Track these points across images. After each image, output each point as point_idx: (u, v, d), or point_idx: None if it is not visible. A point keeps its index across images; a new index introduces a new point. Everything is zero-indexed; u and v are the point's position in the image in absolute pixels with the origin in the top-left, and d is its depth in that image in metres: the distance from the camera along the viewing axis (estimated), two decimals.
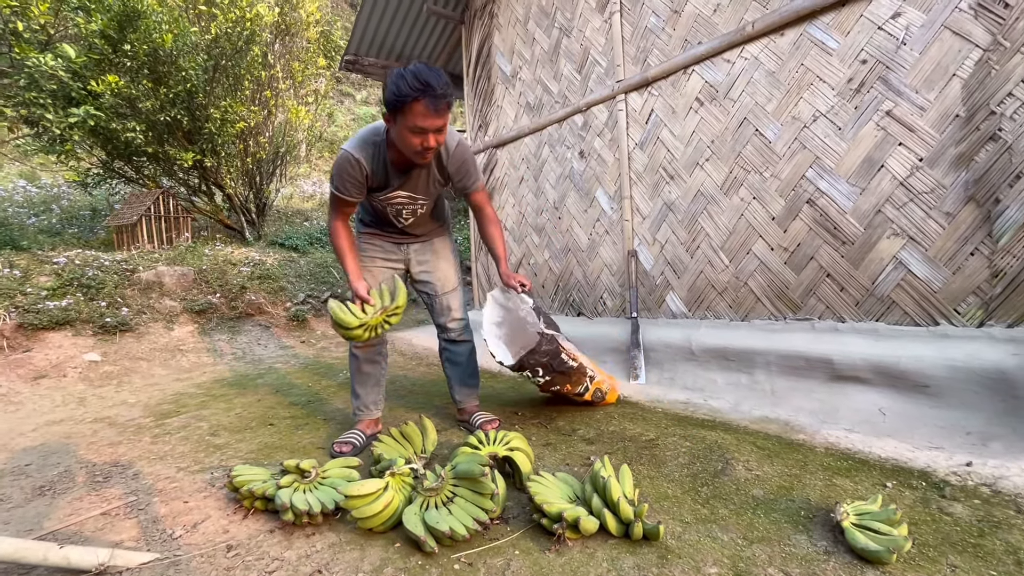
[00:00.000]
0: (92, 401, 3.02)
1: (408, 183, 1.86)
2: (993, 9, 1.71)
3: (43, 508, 1.62)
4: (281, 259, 5.84)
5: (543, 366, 2.00)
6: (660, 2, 2.77)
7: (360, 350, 2.05)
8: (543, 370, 2.01)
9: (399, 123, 1.62)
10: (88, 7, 4.89)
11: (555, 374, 2.05)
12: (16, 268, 4.08)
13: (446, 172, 1.88)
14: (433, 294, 2.13)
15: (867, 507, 1.23)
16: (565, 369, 2.06)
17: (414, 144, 1.63)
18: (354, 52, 4.78)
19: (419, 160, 1.71)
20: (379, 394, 2.14)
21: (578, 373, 2.13)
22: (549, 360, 2.00)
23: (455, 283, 2.15)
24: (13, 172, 8.22)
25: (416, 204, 1.94)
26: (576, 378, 2.14)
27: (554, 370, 2.03)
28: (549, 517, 1.28)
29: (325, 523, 1.43)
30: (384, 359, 2.13)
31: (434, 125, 1.60)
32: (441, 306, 2.14)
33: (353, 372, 2.10)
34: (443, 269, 2.13)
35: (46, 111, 4.84)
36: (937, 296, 1.88)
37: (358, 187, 1.80)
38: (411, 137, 1.62)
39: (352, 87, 14.74)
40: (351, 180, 1.78)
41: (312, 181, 10.82)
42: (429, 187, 1.90)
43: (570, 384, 2.14)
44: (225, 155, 6.30)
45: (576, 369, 2.11)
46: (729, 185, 2.51)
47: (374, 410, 2.12)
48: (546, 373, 2.02)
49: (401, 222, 1.99)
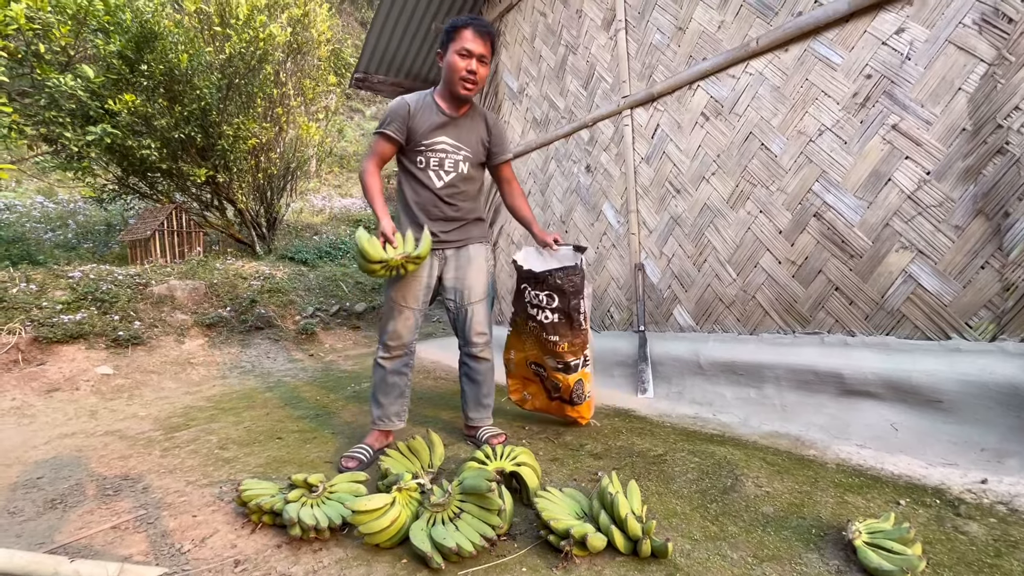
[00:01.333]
0: (103, 414, 3.05)
1: (452, 129, 1.98)
2: (997, 24, 1.72)
3: (54, 521, 1.64)
4: (291, 273, 5.90)
5: (560, 297, 1.88)
6: (665, 19, 2.81)
7: (387, 360, 2.04)
8: (557, 304, 1.89)
9: (449, 51, 1.89)
10: (107, 29, 5.05)
11: (563, 318, 1.93)
12: (33, 282, 4.16)
13: (489, 131, 2.07)
14: (460, 302, 2.09)
15: (880, 525, 1.21)
16: (575, 321, 1.94)
17: (460, 68, 1.87)
18: (364, 70, 4.88)
19: (464, 88, 1.90)
20: (403, 406, 2.12)
21: (580, 338, 2.01)
22: (570, 296, 1.90)
23: (482, 294, 2.12)
24: (31, 188, 8.42)
25: (459, 155, 2.00)
26: (576, 342, 2.01)
27: (566, 313, 1.92)
28: (556, 534, 1.27)
29: (332, 538, 1.43)
30: (411, 371, 2.12)
31: (478, 50, 1.87)
32: (466, 317, 2.09)
33: (377, 382, 2.07)
34: (473, 277, 2.09)
35: (65, 129, 4.97)
36: (948, 310, 1.86)
37: (400, 124, 1.93)
38: (458, 61, 1.86)
39: (362, 103, 14.99)
40: (395, 116, 1.93)
41: (322, 195, 10.97)
42: (471, 138, 2.02)
43: (567, 346, 1.99)
44: (237, 171, 6.42)
45: (581, 332, 1.99)
46: (735, 199, 2.52)
47: (397, 422, 2.10)
48: (557, 313, 1.91)
49: (442, 180, 1.98)
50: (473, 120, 2.04)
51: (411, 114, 1.93)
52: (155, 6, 5.44)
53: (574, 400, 2.12)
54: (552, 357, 2.08)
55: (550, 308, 1.94)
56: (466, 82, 1.89)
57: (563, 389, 2.13)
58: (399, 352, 2.04)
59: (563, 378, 2.08)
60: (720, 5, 2.53)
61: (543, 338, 2.03)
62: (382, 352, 2.05)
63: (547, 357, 2.11)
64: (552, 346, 2.03)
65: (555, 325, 1.97)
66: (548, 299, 1.93)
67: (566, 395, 2.12)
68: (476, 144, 2.04)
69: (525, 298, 2.11)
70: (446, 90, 1.97)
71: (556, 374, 2.09)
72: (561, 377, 2.08)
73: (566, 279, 1.96)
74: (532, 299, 2.00)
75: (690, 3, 2.66)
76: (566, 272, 1.94)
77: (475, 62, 1.87)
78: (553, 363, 2.09)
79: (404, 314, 2.00)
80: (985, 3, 1.74)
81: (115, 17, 5.02)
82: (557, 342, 2.01)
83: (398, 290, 1.99)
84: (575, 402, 2.13)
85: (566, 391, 2.12)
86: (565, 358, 2.05)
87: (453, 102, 1.98)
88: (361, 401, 3.07)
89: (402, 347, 2.04)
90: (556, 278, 1.93)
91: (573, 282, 1.95)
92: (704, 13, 2.60)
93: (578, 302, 1.95)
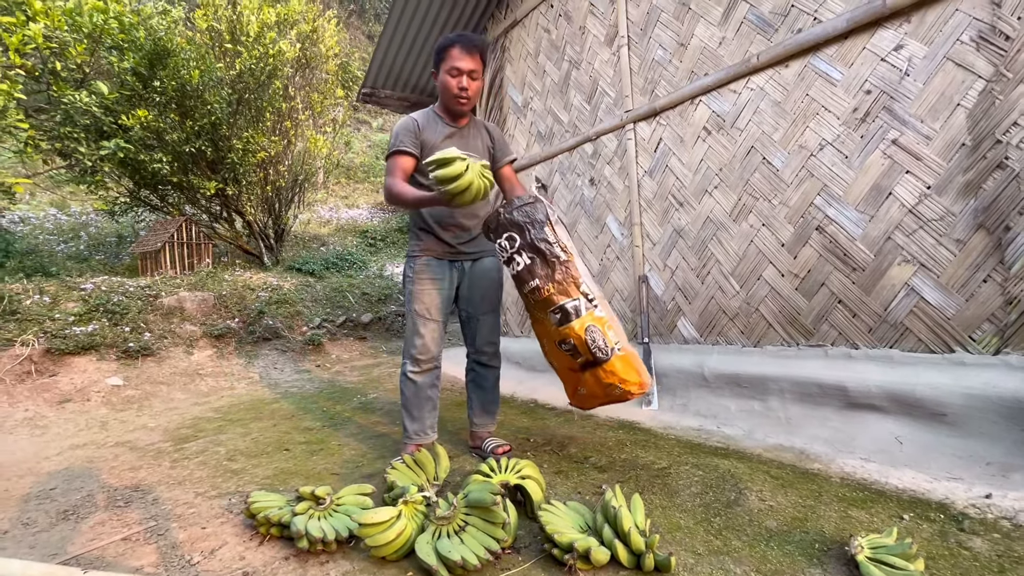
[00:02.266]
0: (114, 425, 3.09)
1: (459, 140, 2.04)
2: (994, 41, 1.74)
3: (67, 532, 1.67)
4: (298, 284, 5.96)
5: (520, 234, 1.66)
6: (666, 36, 2.85)
7: (419, 375, 2.05)
8: (519, 242, 1.66)
9: (441, 71, 1.96)
10: (122, 46, 5.17)
11: (533, 255, 1.67)
12: (46, 294, 4.23)
13: (491, 137, 2.15)
14: (473, 312, 2.15)
15: (882, 540, 1.21)
16: (547, 254, 1.67)
17: (452, 87, 1.95)
18: (371, 85, 4.96)
19: (458, 104, 1.98)
20: (435, 418, 2.14)
21: (562, 272, 1.69)
22: (529, 228, 1.66)
23: (494, 305, 2.19)
24: (45, 201, 8.56)
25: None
26: (558, 278, 1.69)
27: (533, 247, 1.67)
28: (560, 547, 1.28)
29: (339, 551, 1.44)
30: (440, 382, 2.15)
31: (467, 67, 1.93)
32: (477, 326, 2.16)
33: (410, 397, 2.06)
34: (487, 289, 2.16)
35: (79, 144, 5.07)
36: (951, 323, 1.87)
37: (413, 138, 1.98)
38: (450, 80, 1.94)
39: (369, 115, 15.17)
40: (406, 132, 1.99)
41: (329, 207, 11.08)
42: (478, 145, 2.09)
43: (552, 287, 1.68)
44: (246, 183, 6.52)
45: (562, 265, 1.69)
46: (738, 212, 2.54)
47: (432, 434, 2.11)
48: (525, 253, 1.67)
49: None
50: (476, 129, 2.13)
51: (420, 128, 2.00)
52: (168, 24, 5.57)
53: (597, 356, 1.66)
54: (550, 312, 1.73)
55: (517, 251, 1.70)
56: (460, 99, 1.97)
57: (579, 348, 1.69)
58: (429, 366, 2.06)
59: (570, 331, 1.67)
60: (721, 22, 2.57)
61: (531, 294, 1.74)
62: (412, 367, 2.05)
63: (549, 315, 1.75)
64: (538, 296, 1.71)
65: (530, 268, 1.69)
66: (510, 242, 1.71)
67: (587, 354, 1.68)
68: (483, 150, 2.10)
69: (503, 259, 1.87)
70: (444, 107, 2.06)
71: (563, 330, 1.70)
72: (567, 331, 1.67)
73: (517, 211, 1.74)
74: (502, 256, 1.79)
75: (691, 20, 2.71)
76: (513, 205, 1.74)
77: (465, 79, 1.95)
78: (554, 319, 1.73)
79: (430, 327, 2.03)
80: (982, 21, 1.77)
81: (129, 35, 5.14)
82: (539, 287, 1.69)
83: (421, 303, 2.02)
84: (599, 359, 1.67)
85: (583, 348, 1.68)
86: (556, 301, 1.69)
87: (452, 117, 2.07)
88: (367, 412, 3.09)
89: (431, 360, 2.06)
90: (506, 214, 1.73)
91: (525, 212, 1.72)
92: (705, 30, 2.65)
93: (543, 233, 1.69)
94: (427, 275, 2.04)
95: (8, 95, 3.86)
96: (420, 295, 2.03)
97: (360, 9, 16.83)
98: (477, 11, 4.32)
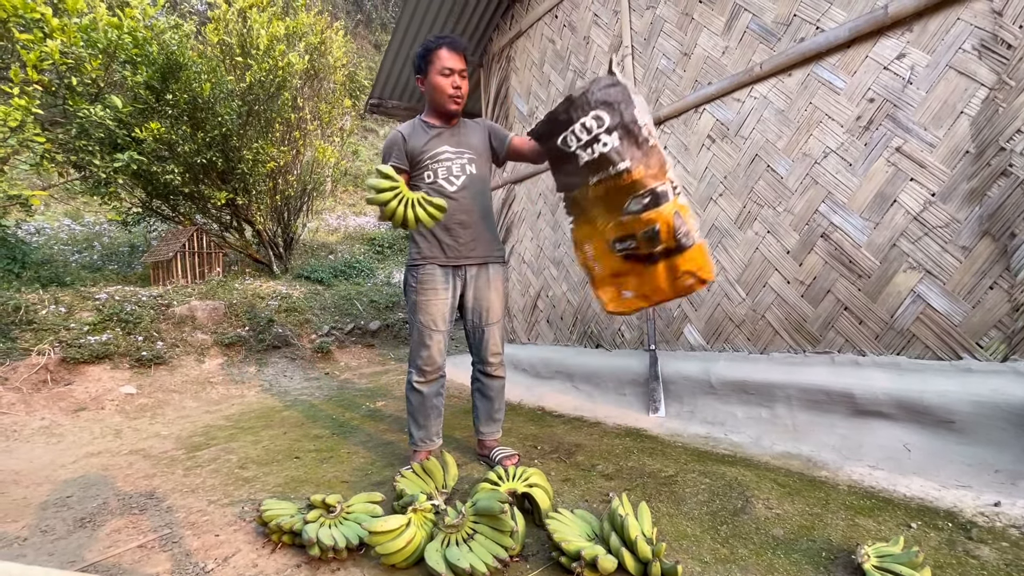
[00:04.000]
0: (128, 433, 3.14)
1: (449, 138, 2.06)
2: (996, 50, 1.75)
3: (84, 540, 1.70)
4: (307, 292, 6.02)
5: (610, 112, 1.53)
6: (670, 45, 2.88)
7: (424, 385, 2.08)
8: (610, 122, 1.53)
9: (430, 74, 1.97)
10: (135, 61, 5.28)
11: (624, 134, 1.55)
12: (61, 304, 4.31)
13: (487, 129, 2.16)
14: (479, 323, 2.16)
15: (889, 549, 1.22)
16: (639, 136, 1.55)
17: (445, 86, 1.96)
18: (378, 95, 5.03)
19: (453, 103, 1.99)
20: (440, 424, 2.19)
21: (655, 157, 1.58)
22: (620, 106, 1.54)
23: (499, 316, 2.19)
24: (59, 211, 8.72)
25: (463, 158, 2.07)
26: (652, 162, 1.57)
27: (625, 128, 1.55)
28: (568, 555, 1.30)
29: (350, 558, 1.47)
30: (444, 390, 2.19)
31: (458, 66, 1.95)
32: (483, 336, 2.16)
33: (416, 406, 2.10)
34: (493, 299, 2.16)
35: (94, 157, 5.18)
36: (958, 330, 1.87)
37: (399, 151, 2.02)
38: (442, 80, 1.95)
39: (376, 123, 15.31)
40: (393, 146, 2.03)
41: (337, 215, 11.19)
42: (472, 141, 2.10)
43: (643, 169, 1.56)
44: (256, 193, 6.62)
45: (652, 149, 1.58)
46: (743, 219, 2.55)
47: (438, 440, 2.17)
48: (616, 132, 1.54)
49: (454, 185, 2.02)
50: (467, 127, 2.14)
51: (406, 139, 2.03)
52: (180, 38, 5.69)
53: (681, 242, 1.59)
54: (634, 198, 1.61)
55: (605, 130, 1.56)
56: (455, 98, 1.99)
57: (664, 232, 1.59)
58: (434, 376, 2.09)
59: (658, 215, 1.58)
60: (724, 31, 2.60)
61: (613, 179, 1.61)
62: (417, 377, 2.08)
63: (631, 203, 1.63)
64: (624, 179, 1.58)
65: (619, 149, 1.56)
66: (597, 122, 1.56)
67: (670, 240, 1.59)
68: (479, 144, 2.12)
69: (571, 147, 1.68)
70: (434, 111, 2.07)
71: (649, 215, 1.59)
72: (655, 215, 1.58)
73: (606, 89, 1.57)
74: (581, 138, 1.62)
75: (695, 30, 2.74)
76: (600, 83, 1.57)
77: (458, 78, 1.97)
78: (639, 205, 1.62)
79: (436, 338, 2.05)
80: (984, 29, 1.78)
81: (143, 50, 5.25)
82: (630, 169, 1.56)
83: (426, 314, 2.04)
84: (683, 245, 1.60)
85: (668, 233, 1.59)
86: (647, 184, 1.57)
87: (443, 119, 2.08)
88: (376, 420, 3.12)
89: (437, 370, 2.09)
90: (593, 91, 1.56)
91: (618, 91, 1.57)
92: (708, 39, 2.67)
93: (632, 113, 1.56)
94: (430, 286, 2.05)
95: (26, 110, 3.95)
96: (425, 306, 2.04)
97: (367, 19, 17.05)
98: (483, 22, 4.38)
